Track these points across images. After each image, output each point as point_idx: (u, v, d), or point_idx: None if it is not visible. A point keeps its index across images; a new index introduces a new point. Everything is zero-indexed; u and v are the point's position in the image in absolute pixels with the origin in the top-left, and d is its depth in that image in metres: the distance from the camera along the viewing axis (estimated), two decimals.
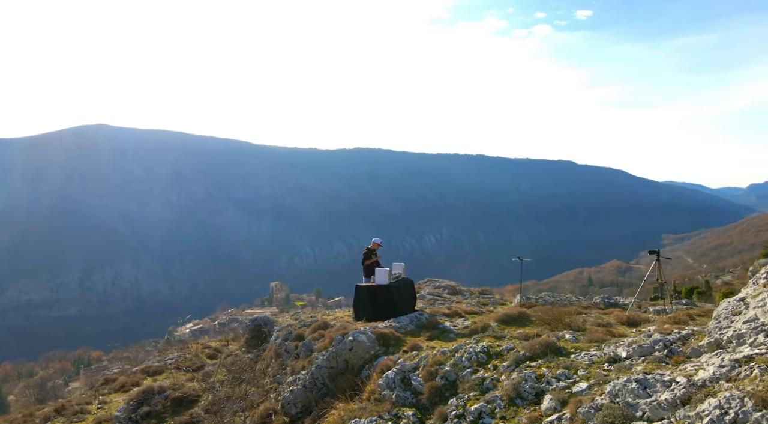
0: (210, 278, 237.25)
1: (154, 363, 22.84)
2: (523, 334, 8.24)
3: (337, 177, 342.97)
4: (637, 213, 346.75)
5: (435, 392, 7.30)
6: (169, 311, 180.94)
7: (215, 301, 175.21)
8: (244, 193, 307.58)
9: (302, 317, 13.23)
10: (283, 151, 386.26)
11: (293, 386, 9.10)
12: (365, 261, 12.66)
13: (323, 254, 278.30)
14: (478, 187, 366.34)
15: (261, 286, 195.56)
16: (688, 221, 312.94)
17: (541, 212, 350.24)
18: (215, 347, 27.02)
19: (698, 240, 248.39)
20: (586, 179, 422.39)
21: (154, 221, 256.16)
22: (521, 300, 16.42)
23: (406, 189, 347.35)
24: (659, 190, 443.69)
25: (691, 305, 12.74)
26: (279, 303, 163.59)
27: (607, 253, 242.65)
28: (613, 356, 6.46)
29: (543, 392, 6.17)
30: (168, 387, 12.97)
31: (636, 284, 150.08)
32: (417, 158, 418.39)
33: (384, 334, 9.43)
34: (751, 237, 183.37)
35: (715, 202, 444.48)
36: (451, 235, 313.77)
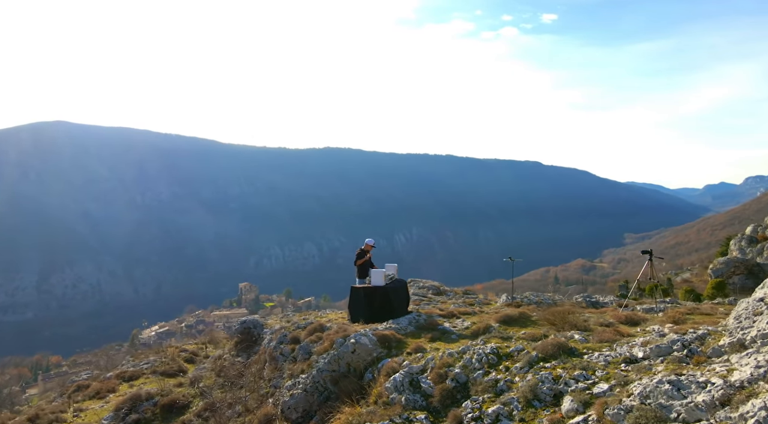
0: (176, 279, 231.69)
1: (129, 368, 22.07)
2: (529, 335, 8.25)
3: (306, 177, 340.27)
4: (601, 212, 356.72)
5: (446, 395, 7.21)
6: (133, 314, 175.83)
7: (181, 303, 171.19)
8: (211, 192, 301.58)
9: (295, 320, 12.97)
10: (251, 150, 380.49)
11: (293, 390, 8.90)
12: (357, 261, 12.53)
13: (293, 255, 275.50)
14: (447, 187, 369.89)
15: (229, 287, 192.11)
16: (648, 220, 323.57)
17: (508, 211, 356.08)
18: (192, 350, 26.35)
19: (658, 239, 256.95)
20: (552, 180, 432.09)
21: (117, 221, 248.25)
22: (507, 300, 16.59)
23: (377, 189, 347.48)
24: (621, 191, 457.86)
25: (675, 302, 13.12)
26: (248, 304, 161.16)
27: (572, 251, 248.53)
28: (629, 356, 6.45)
29: (562, 393, 6.12)
30: (156, 393, 12.51)
31: (599, 282, 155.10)
32: (387, 158, 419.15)
33: (385, 336, 9.33)
34: (707, 236, 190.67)
35: (674, 202, 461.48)
36: (420, 234, 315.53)
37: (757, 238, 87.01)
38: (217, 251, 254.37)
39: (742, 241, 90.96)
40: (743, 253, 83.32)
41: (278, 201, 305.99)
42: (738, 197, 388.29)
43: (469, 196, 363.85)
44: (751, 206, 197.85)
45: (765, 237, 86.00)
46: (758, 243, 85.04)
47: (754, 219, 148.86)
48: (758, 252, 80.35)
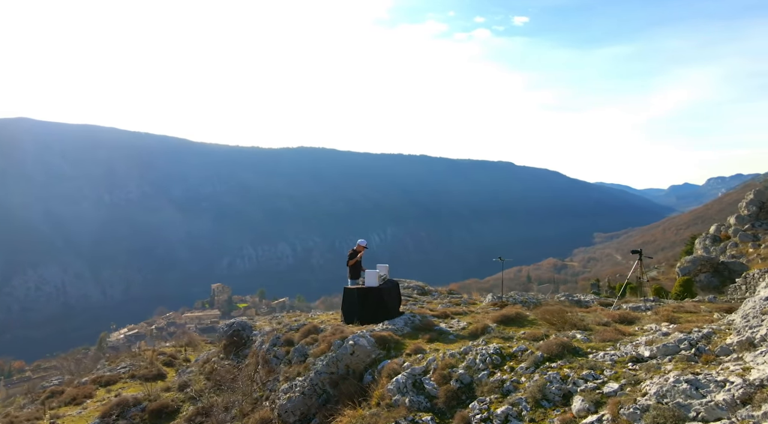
0: (145, 280, 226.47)
1: (105, 373, 21.41)
2: (530, 335, 8.28)
3: (280, 176, 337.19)
4: (571, 212, 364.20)
5: (451, 396, 7.18)
6: (100, 316, 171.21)
7: (151, 305, 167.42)
8: (182, 191, 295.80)
9: (286, 321, 12.76)
10: (224, 149, 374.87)
11: (290, 394, 8.74)
12: (349, 261, 12.45)
13: (266, 255, 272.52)
14: (421, 187, 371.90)
15: (201, 288, 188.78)
16: (616, 220, 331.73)
17: (481, 211, 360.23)
18: (170, 353, 25.78)
19: (626, 238, 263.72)
20: (524, 180, 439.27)
21: (84, 221, 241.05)
22: (493, 299, 16.72)
23: (351, 189, 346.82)
24: (591, 191, 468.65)
25: (658, 301, 13.46)
26: (221, 305, 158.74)
27: (544, 251, 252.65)
28: (636, 355, 6.48)
29: (571, 393, 6.12)
30: (143, 398, 12.14)
31: (570, 280, 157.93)
32: (361, 158, 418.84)
33: (383, 337, 9.26)
34: (672, 235, 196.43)
35: (640, 202, 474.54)
36: (395, 234, 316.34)
37: (720, 237, 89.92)
38: (188, 251, 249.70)
39: (706, 240, 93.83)
40: (708, 251, 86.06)
41: (251, 201, 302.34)
42: (701, 198, 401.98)
43: (442, 196, 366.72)
44: (713, 206, 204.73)
45: (728, 236, 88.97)
46: (721, 242, 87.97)
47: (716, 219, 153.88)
48: (721, 250, 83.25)
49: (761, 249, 75.80)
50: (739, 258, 68.07)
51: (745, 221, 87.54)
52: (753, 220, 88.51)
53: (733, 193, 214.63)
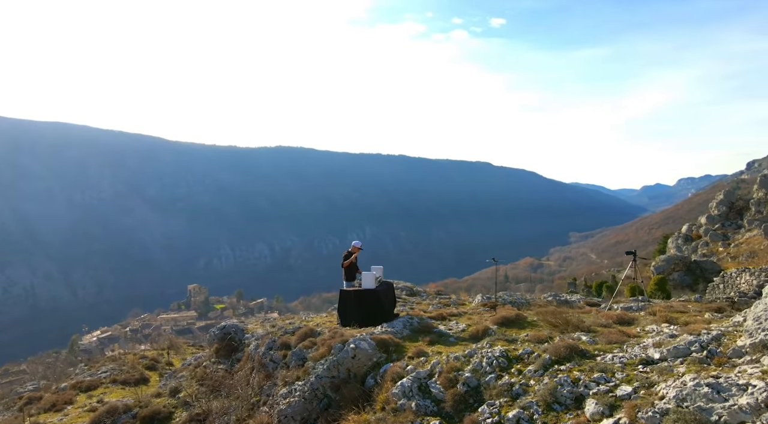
0: (119, 282, 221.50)
1: (85, 377, 20.79)
2: (534, 337, 8.28)
3: (258, 176, 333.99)
4: (548, 212, 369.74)
5: (459, 400, 7.14)
6: (71, 319, 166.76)
7: (125, 306, 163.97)
8: (157, 191, 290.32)
9: (280, 324, 12.56)
10: (199, 148, 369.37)
11: (290, 398, 8.59)
12: (344, 262, 12.34)
13: (244, 255, 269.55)
14: (400, 187, 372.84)
15: (177, 289, 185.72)
16: (591, 219, 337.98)
17: (460, 211, 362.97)
18: (152, 357, 25.22)
19: (600, 237, 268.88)
20: (501, 180, 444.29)
21: (54, 221, 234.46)
22: (483, 300, 16.81)
23: (329, 188, 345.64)
24: (567, 191, 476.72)
25: (646, 301, 13.70)
26: (197, 306, 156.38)
27: (521, 250, 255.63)
28: (645, 357, 6.51)
29: (583, 396, 6.11)
30: (134, 405, 11.79)
31: (547, 279, 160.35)
32: (340, 158, 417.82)
33: (383, 340, 9.17)
34: (644, 234, 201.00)
35: (614, 202, 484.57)
36: (373, 234, 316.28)
37: (692, 236, 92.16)
38: (163, 252, 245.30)
39: (678, 239, 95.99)
40: (680, 250, 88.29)
41: (228, 200, 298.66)
42: (671, 198, 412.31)
43: (421, 195, 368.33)
44: (684, 206, 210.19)
45: (699, 235, 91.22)
46: (693, 241, 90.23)
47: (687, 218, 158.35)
48: (693, 249, 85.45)
49: (731, 248, 78.12)
50: (710, 257, 70.07)
51: (716, 220, 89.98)
52: (723, 220, 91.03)
53: (702, 193, 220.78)
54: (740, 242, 73.28)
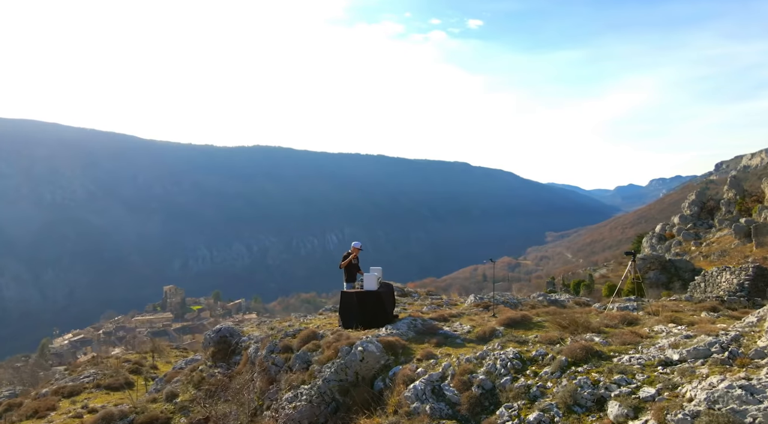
0: (91, 283, 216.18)
1: (67, 383, 20.19)
2: (546, 338, 8.28)
3: (235, 175, 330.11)
4: (525, 212, 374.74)
5: (474, 402, 7.10)
6: (41, 321, 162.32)
7: (98, 309, 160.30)
8: (131, 191, 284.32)
9: (278, 327, 12.37)
10: (175, 147, 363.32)
11: (296, 403, 8.46)
12: (341, 263, 12.22)
13: (221, 255, 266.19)
14: (378, 187, 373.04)
15: (152, 290, 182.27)
16: (567, 219, 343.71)
17: (438, 211, 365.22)
18: (135, 360, 24.68)
19: (575, 237, 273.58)
20: (479, 180, 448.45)
21: (22, 222, 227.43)
22: (475, 300, 16.90)
23: (308, 188, 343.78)
24: (543, 191, 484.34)
25: (639, 300, 13.96)
26: (173, 308, 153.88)
27: (499, 249, 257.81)
28: (664, 359, 6.53)
29: (604, 398, 6.09)
30: (130, 411, 11.46)
31: (524, 278, 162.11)
32: (318, 157, 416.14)
33: (390, 342, 9.11)
34: (618, 234, 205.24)
35: (589, 202, 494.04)
36: (352, 234, 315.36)
37: (665, 235, 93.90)
38: (137, 253, 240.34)
39: (653, 238, 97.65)
40: (654, 249, 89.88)
41: (205, 200, 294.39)
42: (644, 198, 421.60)
43: (400, 196, 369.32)
44: (655, 206, 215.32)
45: (672, 235, 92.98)
46: (666, 240, 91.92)
47: (659, 218, 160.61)
48: (666, 249, 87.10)
49: (703, 247, 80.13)
50: (683, 256, 71.80)
51: (688, 220, 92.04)
52: (695, 219, 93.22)
53: (673, 193, 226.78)
54: (711, 241, 75.27)
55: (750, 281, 20.33)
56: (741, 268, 21.05)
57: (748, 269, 20.68)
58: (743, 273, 20.54)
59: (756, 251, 60.11)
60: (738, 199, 79.67)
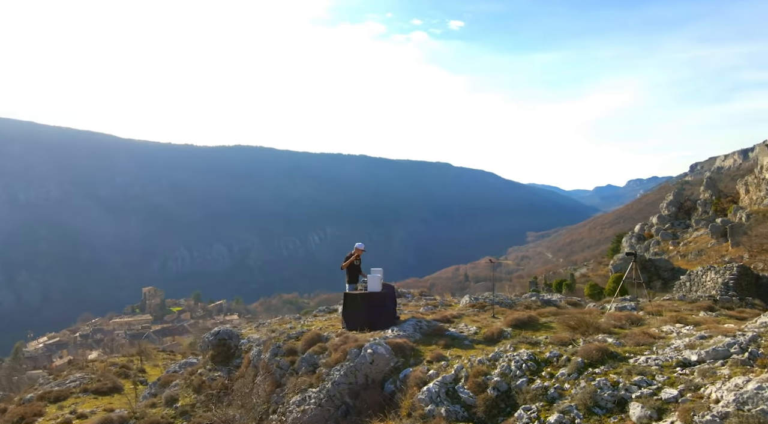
0: (67, 285, 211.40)
1: (53, 387, 19.67)
2: (557, 339, 8.30)
3: (216, 175, 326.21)
4: (505, 212, 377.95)
5: (491, 404, 7.08)
6: (14, 324, 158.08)
7: (74, 311, 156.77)
8: (109, 191, 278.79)
9: (279, 329, 12.22)
10: (154, 146, 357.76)
11: (304, 406, 8.37)
12: (343, 264, 12.12)
13: (201, 256, 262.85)
14: (361, 187, 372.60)
15: (130, 292, 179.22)
16: (547, 219, 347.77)
17: (420, 211, 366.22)
18: (123, 364, 24.19)
19: (555, 237, 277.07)
20: (461, 180, 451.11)
21: None
22: (470, 300, 16.98)
23: (290, 188, 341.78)
24: (523, 191, 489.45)
25: (634, 300, 14.19)
26: (153, 310, 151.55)
27: (480, 249, 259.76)
28: (682, 360, 6.56)
29: (624, 400, 6.09)
30: (129, 416, 11.19)
31: (505, 278, 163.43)
32: (300, 157, 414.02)
33: (399, 344, 9.07)
34: (597, 234, 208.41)
35: (568, 202, 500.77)
36: (335, 234, 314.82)
37: (644, 235, 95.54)
38: (115, 254, 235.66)
39: (632, 238, 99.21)
40: (633, 248, 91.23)
41: (185, 200, 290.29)
42: (621, 198, 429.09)
43: (382, 196, 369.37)
44: (633, 207, 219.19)
45: (651, 235, 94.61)
46: (645, 240, 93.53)
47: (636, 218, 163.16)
48: (645, 248, 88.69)
49: (680, 246, 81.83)
50: (661, 255, 73.22)
51: (666, 220, 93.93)
52: (672, 219, 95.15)
53: (650, 194, 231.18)
54: (689, 240, 76.97)
55: (734, 280, 20.87)
56: (726, 267, 21.59)
57: (732, 269, 21.22)
58: (728, 273, 21.06)
59: (732, 250, 61.69)
60: (714, 199, 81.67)
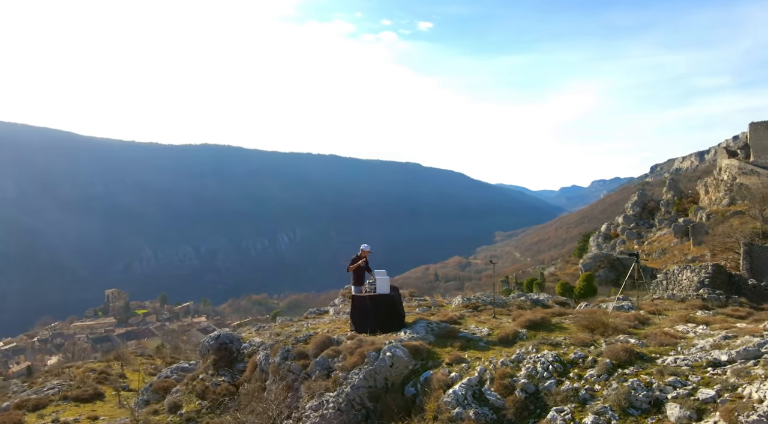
0: (24, 288, 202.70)
1: (30, 396, 18.82)
2: (578, 340, 8.37)
3: (182, 174, 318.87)
4: (474, 212, 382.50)
5: (520, 406, 7.11)
6: None
7: (33, 315, 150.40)
8: (69, 190, 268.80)
9: (285, 332, 12.00)
10: (117, 144, 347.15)
11: (322, 411, 8.26)
12: (350, 266, 12.01)
13: (167, 257, 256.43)
14: (330, 187, 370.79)
15: (93, 294, 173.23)
16: (515, 219, 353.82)
17: (390, 211, 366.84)
18: (101, 369, 23.39)
19: (523, 236, 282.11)
20: (431, 181, 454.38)
21: None
22: (463, 301, 17.14)
23: (258, 188, 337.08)
24: (492, 192, 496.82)
25: (625, 299, 14.60)
26: (117, 313, 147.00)
27: (449, 249, 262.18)
28: (712, 360, 6.68)
29: (660, 400, 6.16)
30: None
31: (474, 277, 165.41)
32: (269, 157, 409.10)
33: (416, 347, 9.05)
34: (563, 233, 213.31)
35: (535, 202, 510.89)
36: (304, 235, 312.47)
37: (610, 235, 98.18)
38: (76, 256, 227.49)
39: (599, 237, 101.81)
40: (600, 248, 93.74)
41: (149, 200, 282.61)
42: (586, 199, 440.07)
43: (352, 196, 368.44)
44: (597, 207, 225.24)
45: (617, 234, 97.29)
46: (611, 239, 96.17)
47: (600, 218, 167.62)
48: (612, 247, 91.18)
49: (645, 245, 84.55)
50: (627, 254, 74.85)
51: (631, 220, 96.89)
52: (637, 219, 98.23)
53: (612, 194, 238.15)
54: (653, 239, 79.72)
55: (709, 278, 21.74)
56: (701, 266, 22.46)
57: (707, 267, 22.10)
58: (703, 271, 21.92)
59: (693, 249, 64.25)
60: (676, 200, 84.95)
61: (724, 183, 76.17)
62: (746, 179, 70.93)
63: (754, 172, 70.44)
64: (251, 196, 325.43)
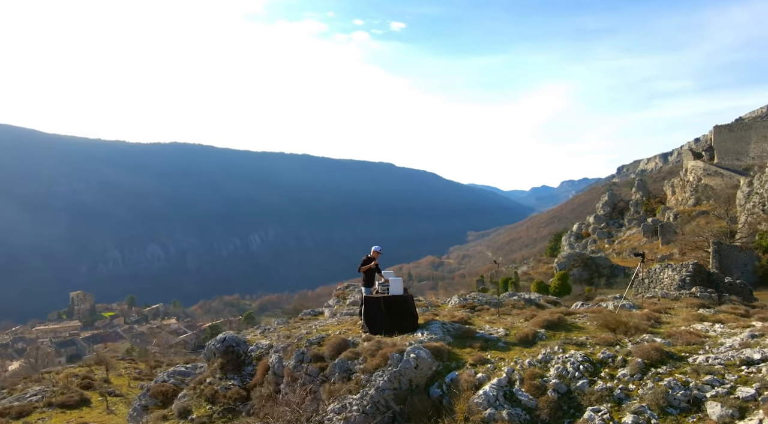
0: None
1: (12, 403, 18.01)
2: (603, 340, 8.45)
3: (150, 173, 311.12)
4: (447, 212, 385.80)
5: (554, 407, 7.15)
6: None
7: None
8: (30, 189, 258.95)
9: (296, 334, 11.79)
10: (82, 142, 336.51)
11: (345, 414, 8.16)
12: (361, 267, 11.92)
13: (135, 257, 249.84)
14: (303, 187, 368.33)
15: (56, 297, 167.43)
16: (487, 219, 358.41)
17: (363, 211, 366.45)
18: (83, 374, 22.62)
19: (495, 236, 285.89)
20: (404, 181, 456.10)
21: None
22: (460, 301, 17.26)
23: (230, 187, 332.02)
24: (464, 192, 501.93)
25: (621, 298, 14.95)
26: (82, 315, 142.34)
27: (422, 249, 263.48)
28: (745, 358, 6.79)
29: (699, 399, 6.24)
30: None
31: (447, 276, 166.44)
32: (241, 156, 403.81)
33: (437, 348, 9.02)
34: (534, 232, 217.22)
35: (507, 202, 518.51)
36: (276, 235, 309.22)
37: (582, 234, 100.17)
38: (38, 257, 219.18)
39: (571, 237, 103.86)
40: (572, 247, 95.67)
41: (116, 199, 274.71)
42: (555, 199, 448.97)
43: (325, 196, 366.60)
44: (566, 207, 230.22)
45: (588, 233, 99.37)
46: (583, 239, 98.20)
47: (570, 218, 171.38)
48: (583, 246, 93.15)
49: (615, 244, 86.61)
50: (598, 253, 77.13)
51: (601, 220, 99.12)
52: (607, 219, 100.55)
53: (581, 195, 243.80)
54: (623, 239, 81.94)
55: (690, 276, 22.54)
56: (682, 265, 23.23)
57: (688, 266, 22.88)
58: (684, 270, 22.71)
59: (662, 247, 66.37)
60: (644, 200, 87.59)
61: (690, 184, 78.92)
62: (711, 180, 73.61)
63: (719, 174, 73.15)
64: (222, 196, 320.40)
